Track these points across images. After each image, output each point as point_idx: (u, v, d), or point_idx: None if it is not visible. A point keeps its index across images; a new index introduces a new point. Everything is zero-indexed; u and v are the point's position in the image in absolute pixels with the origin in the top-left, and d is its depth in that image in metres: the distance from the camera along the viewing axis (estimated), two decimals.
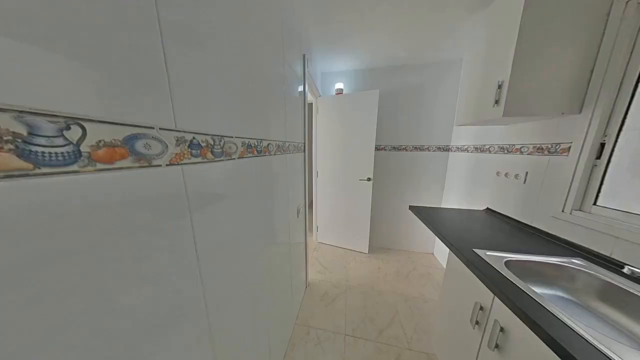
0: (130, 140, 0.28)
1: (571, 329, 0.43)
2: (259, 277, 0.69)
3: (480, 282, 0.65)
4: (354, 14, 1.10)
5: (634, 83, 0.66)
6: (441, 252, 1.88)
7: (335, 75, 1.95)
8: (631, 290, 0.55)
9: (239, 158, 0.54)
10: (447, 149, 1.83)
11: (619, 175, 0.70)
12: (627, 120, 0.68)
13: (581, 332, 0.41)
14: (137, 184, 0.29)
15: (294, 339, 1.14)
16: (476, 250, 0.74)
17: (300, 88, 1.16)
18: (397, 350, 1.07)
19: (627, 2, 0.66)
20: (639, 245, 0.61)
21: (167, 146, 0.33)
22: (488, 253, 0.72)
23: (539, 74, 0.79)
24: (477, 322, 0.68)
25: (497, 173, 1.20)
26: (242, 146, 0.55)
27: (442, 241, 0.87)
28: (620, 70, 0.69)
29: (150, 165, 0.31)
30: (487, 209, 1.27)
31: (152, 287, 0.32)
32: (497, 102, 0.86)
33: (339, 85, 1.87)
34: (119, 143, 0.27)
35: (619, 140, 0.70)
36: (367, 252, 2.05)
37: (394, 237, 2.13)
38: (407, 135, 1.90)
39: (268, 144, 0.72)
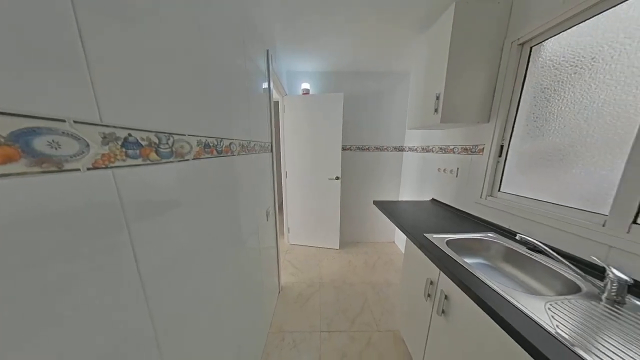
0: (22, 136, 0.20)
1: (488, 286, 0.56)
2: (224, 291, 0.63)
3: (430, 261, 0.78)
4: (318, 16, 1.13)
5: (517, 102, 0.92)
6: (400, 239, 2.14)
7: (301, 75, 1.95)
8: (521, 252, 0.76)
9: (194, 159, 0.48)
10: (401, 149, 2.09)
11: (511, 169, 0.96)
12: (515, 129, 0.94)
13: (494, 287, 0.55)
14: (42, 195, 0.22)
15: (268, 348, 1.08)
16: (426, 235, 0.88)
17: (265, 85, 1.11)
18: (367, 335, 1.16)
19: (512, 42, 0.91)
20: (523, 218, 0.85)
21: (87, 145, 0.26)
22: (434, 236, 0.87)
23: (463, 90, 1.00)
24: (428, 295, 0.81)
25: (438, 169, 1.46)
26: (197, 145, 0.49)
27: (400, 230, 1.00)
28: (509, 91, 0.94)
29: (61, 170, 0.23)
30: (432, 199, 1.52)
31: (74, 330, 0.24)
32: (436, 110, 1.05)
33: (305, 85, 1.88)
34: (1, 140, 0.19)
35: (511, 143, 0.95)
36: (338, 247, 2.13)
37: (362, 231, 2.30)
38: (369, 137, 2.07)
39: (230, 143, 0.66)
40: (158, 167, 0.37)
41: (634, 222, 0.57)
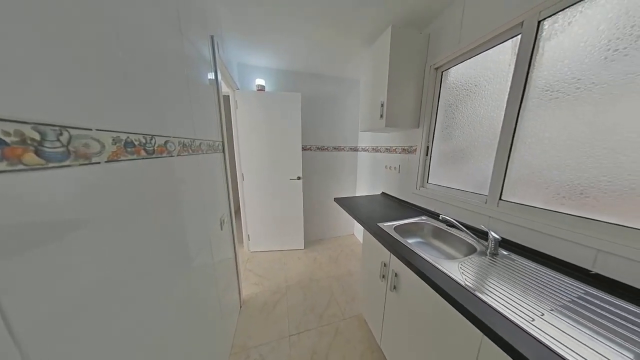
0: None
1: (424, 258, 0.70)
2: (167, 324, 0.52)
3: (383, 246, 0.90)
4: (270, 8, 1.08)
5: (435, 112, 1.18)
6: (359, 231, 2.36)
7: (255, 70, 1.83)
8: (443, 228, 0.99)
9: (110, 161, 0.37)
10: (356, 149, 2.31)
11: (435, 165, 1.23)
12: (435, 134, 1.20)
13: (427, 258, 0.69)
14: None
15: None
16: (378, 224, 1.00)
17: (211, 75, 0.97)
18: (335, 326, 1.23)
19: (430, 66, 1.16)
20: (443, 202, 1.11)
21: None
22: (385, 224, 1.00)
23: (400, 100, 1.20)
24: (383, 276, 0.93)
25: (385, 167, 1.69)
26: (115, 144, 0.38)
27: (358, 222, 1.10)
28: (430, 104, 1.19)
29: None
30: (382, 192, 1.75)
31: None
32: (381, 116, 1.21)
33: (260, 81, 1.77)
34: None
35: (434, 145, 1.22)
36: (303, 247, 2.14)
37: (325, 228, 2.39)
38: (327, 137, 2.17)
39: (166, 142, 0.54)
40: (43, 174, 0.27)
41: (500, 199, 0.84)
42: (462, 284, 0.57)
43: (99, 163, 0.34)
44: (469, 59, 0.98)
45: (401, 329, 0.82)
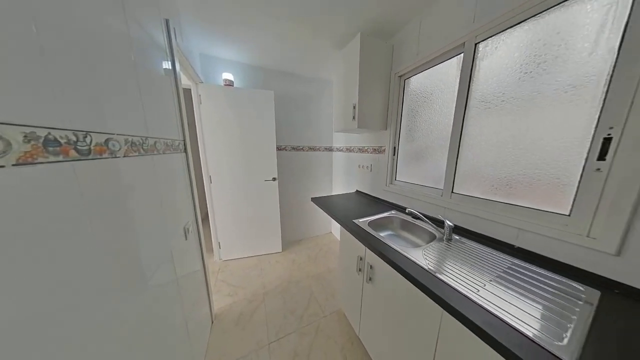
0: None
1: (394, 249, 0.76)
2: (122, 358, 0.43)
3: (358, 241, 0.94)
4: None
5: (400, 116, 1.31)
6: (336, 229, 2.42)
7: (222, 63, 1.69)
8: (409, 220, 1.10)
9: (18, 164, 0.28)
10: (330, 149, 2.36)
11: (401, 163, 1.36)
12: (400, 135, 1.33)
13: (397, 248, 0.76)
14: None
15: None
16: (354, 220, 1.05)
17: (167, 65, 0.85)
18: (315, 324, 1.23)
19: (395, 73, 1.28)
20: (409, 197, 1.23)
21: None
22: (360, 220, 1.06)
23: (370, 103, 1.28)
24: (359, 269, 0.98)
25: (359, 166, 1.79)
26: (27, 142, 0.29)
27: (335, 220, 1.13)
28: (395, 108, 1.31)
29: None
30: (357, 190, 1.84)
31: None
32: (354, 117, 1.27)
33: (228, 75, 1.64)
34: None
35: (399, 145, 1.35)
36: (281, 250, 2.08)
37: (303, 228, 2.38)
38: (303, 137, 2.17)
39: (107, 140, 0.45)
40: None
41: (452, 192, 0.99)
42: (426, 268, 0.65)
43: (2, 167, 0.26)
44: (426, 70, 1.11)
45: (377, 317, 0.88)
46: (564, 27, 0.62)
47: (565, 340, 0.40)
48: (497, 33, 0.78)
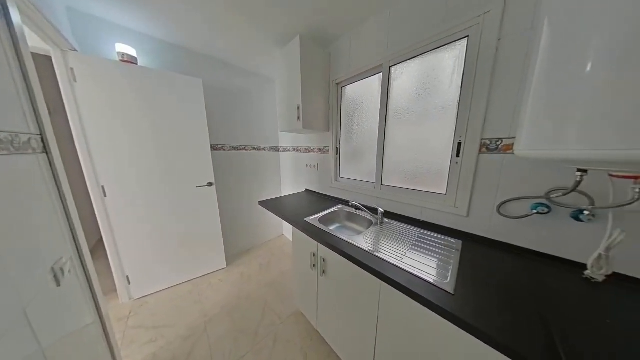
0: None
1: (342, 239, 0.85)
2: None
3: (311, 238, 0.97)
4: None
5: (340, 119, 1.46)
6: (288, 230, 2.38)
7: (116, 30, 1.23)
8: (352, 212, 1.25)
9: None
10: (277, 149, 2.29)
11: (343, 162, 1.52)
12: (341, 137, 1.49)
13: (344, 238, 0.85)
14: None
15: None
16: (305, 219, 1.08)
17: None
18: (273, 334, 1.16)
19: (333, 80, 1.41)
20: (350, 192, 1.40)
21: None
22: (311, 218, 1.10)
23: (314, 106, 1.34)
24: (313, 265, 1.02)
25: (306, 165, 1.84)
26: None
27: (287, 222, 1.11)
28: (335, 112, 1.45)
29: None
30: (306, 189, 1.89)
31: None
32: (299, 118, 1.29)
33: (126, 48, 1.21)
34: None
35: (341, 146, 1.50)
36: (225, 266, 1.81)
37: (251, 236, 2.17)
38: (245, 136, 1.97)
39: None
40: None
41: (382, 184, 1.22)
42: (367, 249, 0.76)
43: None
44: (357, 81, 1.30)
45: (332, 306, 0.95)
46: (436, 65, 0.91)
47: (449, 278, 0.59)
48: (402, 62, 1.02)
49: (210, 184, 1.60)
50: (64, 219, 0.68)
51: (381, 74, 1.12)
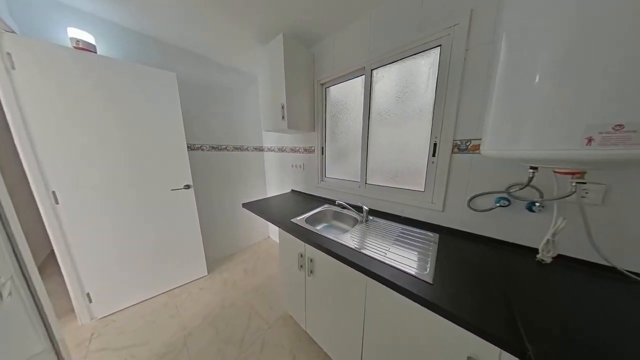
0: None
1: (329, 238, 0.86)
2: None
3: (297, 239, 0.97)
4: None
5: (325, 120, 1.47)
6: (274, 232, 2.33)
7: (68, 12, 1.08)
8: (339, 211, 1.27)
9: None
10: (261, 149, 2.22)
11: (329, 162, 1.53)
12: (327, 137, 1.50)
13: (331, 237, 0.86)
14: None
15: None
16: (292, 220, 1.06)
17: None
18: (260, 340, 1.13)
19: (317, 81, 1.41)
20: (337, 191, 1.42)
21: None
22: (298, 218, 1.09)
23: (298, 106, 1.33)
24: (301, 266, 1.01)
25: (292, 165, 1.82)
26: None
27: (273, 223, 1.08)
28: (320, 112, 1.46)
29: None
30: (292, 190, 1.87)
31: None
32: (283, 117, 1.27)
33: (81, 34, 1.06)
34: None
35: (326, 145, 1.51)
36: (206, 273, 1.70)
37: (235, 240, 2.08)
38: (226, 135, 1.87)
39: None
40: None
41: (366, 183, 1.26)
42: (353, 247, 0.78)
43: None
44: (342, 82, 1.32)
45: (320, 306, 0.95)
46: (414, 71, 0.97)
47: (428, 269, 0.64)
48: (383, 65, 1.07)
49: (187, 187, 1.49)
50: (1, 232, 0.58)
51: (364, 76, 1.16)
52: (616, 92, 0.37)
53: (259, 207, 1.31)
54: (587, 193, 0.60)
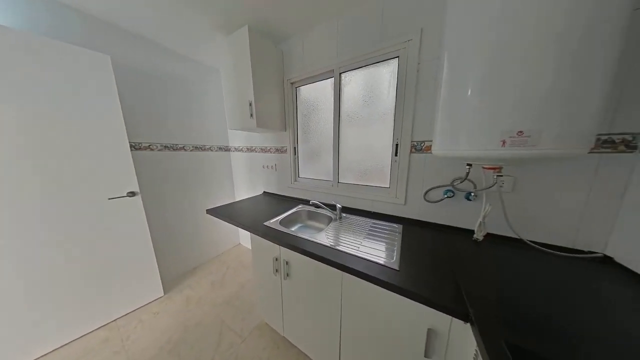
0: None
1: (304, 238, 0.85)
2: None
3: (272, 242, 0.93)
4: None
5: (296, 119, 1.45)
6: (246, 238, 2.18)
7: None
8: (313, 210, 1.28)
9: None
10: (227, 149, 2.04)
11: (302, 162, 1.53)
12: (299, 136, 1.49)
13: (307, 237, 0.86)
14: None
15: None
16: (265, 223, 1.02)
17: None
18: (234, 356, 1.04)
19: (287, 80, 1.38)
20: (311, 191, 1.43)
21: None
22: (271, 221, 1.04)
23: (268, 105, 1.28)
24: (276, 270, 0.98)
25: (263, 166, 1.74)
26: None
27: (243, 229, 1.01)
28: (291, 112, 1.44)
29: None
30: (264, 192, 1.78)
31: None
32: (252, 115, 1.20)
33: None
34: None
35: (299, 145, 1.50)
36: (163, 293, 1.46)
37: (198, 251, 1.86)
38: (183, 134, 1.65)
39: None
40: None
41: (338, 182, 1.31)
42: (328, 245, 0.80)
43: None
44: (312, 83, 1.33)
45: (297, 308, 0.94)
46: (378, 77, 1.06)
47: (394, 257, 0.71)
48: (350, 70, 1.13)
49: (132, 194, 1.24)
50: None
51: (333, 78, 1.20)
52: (519, 105, 0.50)
53: (227, 212, 1.20)
54: (503, 183, 0.77)
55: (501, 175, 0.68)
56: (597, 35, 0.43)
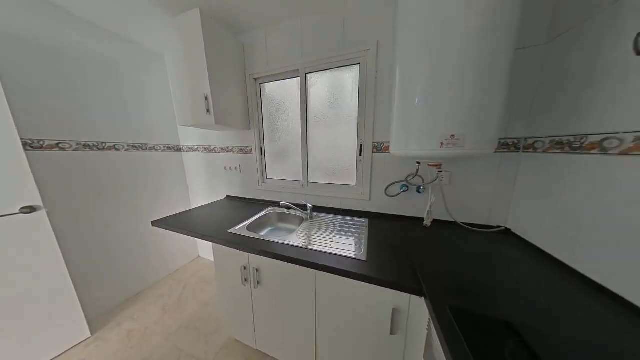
0: None
1: (275, 242, 0.82)
2: None
3: (239, 251, 0.85)
4: None
5: (261, 117, 1.38)
6: (206, 249, 1.93)
7: None
8: (284, 212, 1.24)
9: None
10: (178, 148, 1.76)
11: (269, 162, 1.46)
12: (265, 136, 1.41)
13: (277, 240, 0.83)
14: None
15: None
16: (229, 231, 0.93)
17: None
18: None
19: (250, 75, 1.29)
20: (280, 192, 1.39)
21: None
22: (237, 228, 0.96)
23: (228, 100, 1.16)
24: (245, 279, 0.90)
25: (225, 168, 1.57)
26: None
27: (203, 239, 0.89)
28: (255, 109, 1.35)
29: None
30: (227, 196, 1.62)
31: None
32: (208, 111, 1.07)
33: None
34: None
35: (265, 145, 1.43)
36: (90, 334, 1.14)
37: (142, 272, 1.54)
38: (113, 129, 1.32)
39: None
40: None
41: (308, 181, 1.31)
42: (300, 245, 0.80)
43: None
44: (277, 80, 1.29)
45: (270, 316, 0.90)
46: (343, 80, 1.11)
47: (362, 250, 0.76)
48: (315, 72, 1.15)
49: (28, 210, 0.92)
50: None
51: (299, 78, 1.19)
52: (450, 114, 0.61)
53: (181, 222, 1.03)
54: (443, 178, 0.94)
55: (441, 171, 0.83)
56: (496, 62, 0.58)
